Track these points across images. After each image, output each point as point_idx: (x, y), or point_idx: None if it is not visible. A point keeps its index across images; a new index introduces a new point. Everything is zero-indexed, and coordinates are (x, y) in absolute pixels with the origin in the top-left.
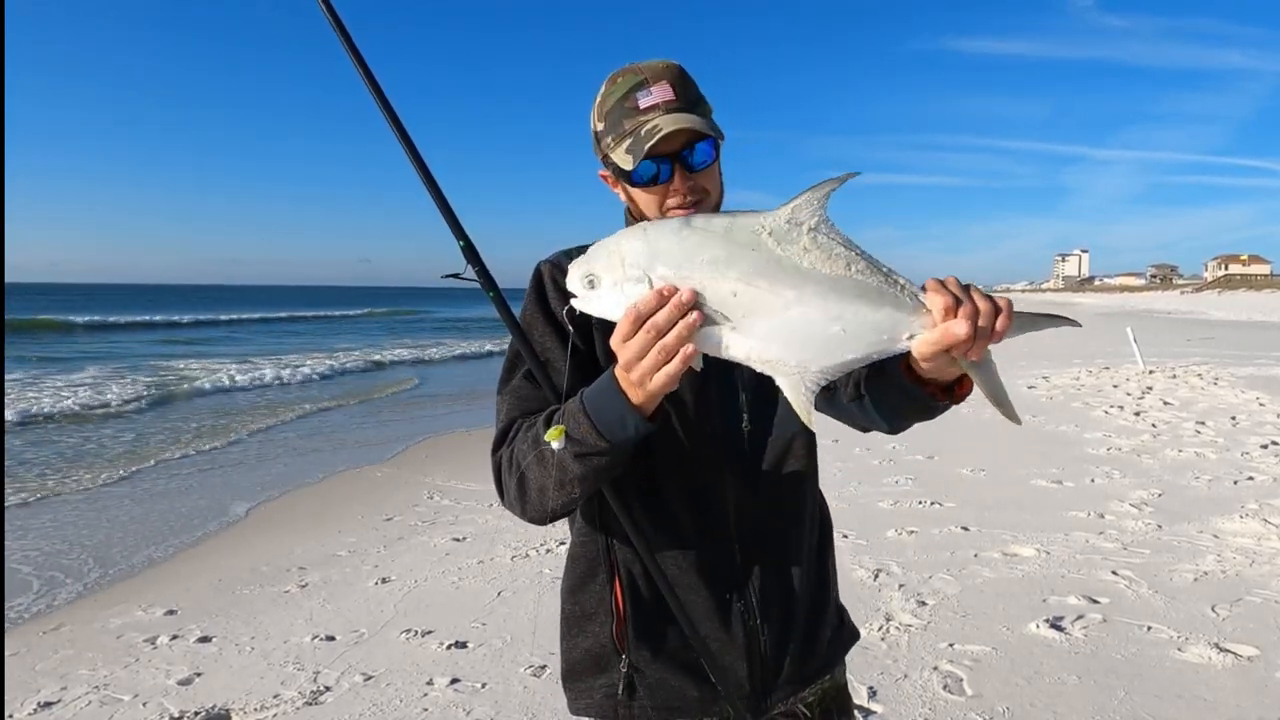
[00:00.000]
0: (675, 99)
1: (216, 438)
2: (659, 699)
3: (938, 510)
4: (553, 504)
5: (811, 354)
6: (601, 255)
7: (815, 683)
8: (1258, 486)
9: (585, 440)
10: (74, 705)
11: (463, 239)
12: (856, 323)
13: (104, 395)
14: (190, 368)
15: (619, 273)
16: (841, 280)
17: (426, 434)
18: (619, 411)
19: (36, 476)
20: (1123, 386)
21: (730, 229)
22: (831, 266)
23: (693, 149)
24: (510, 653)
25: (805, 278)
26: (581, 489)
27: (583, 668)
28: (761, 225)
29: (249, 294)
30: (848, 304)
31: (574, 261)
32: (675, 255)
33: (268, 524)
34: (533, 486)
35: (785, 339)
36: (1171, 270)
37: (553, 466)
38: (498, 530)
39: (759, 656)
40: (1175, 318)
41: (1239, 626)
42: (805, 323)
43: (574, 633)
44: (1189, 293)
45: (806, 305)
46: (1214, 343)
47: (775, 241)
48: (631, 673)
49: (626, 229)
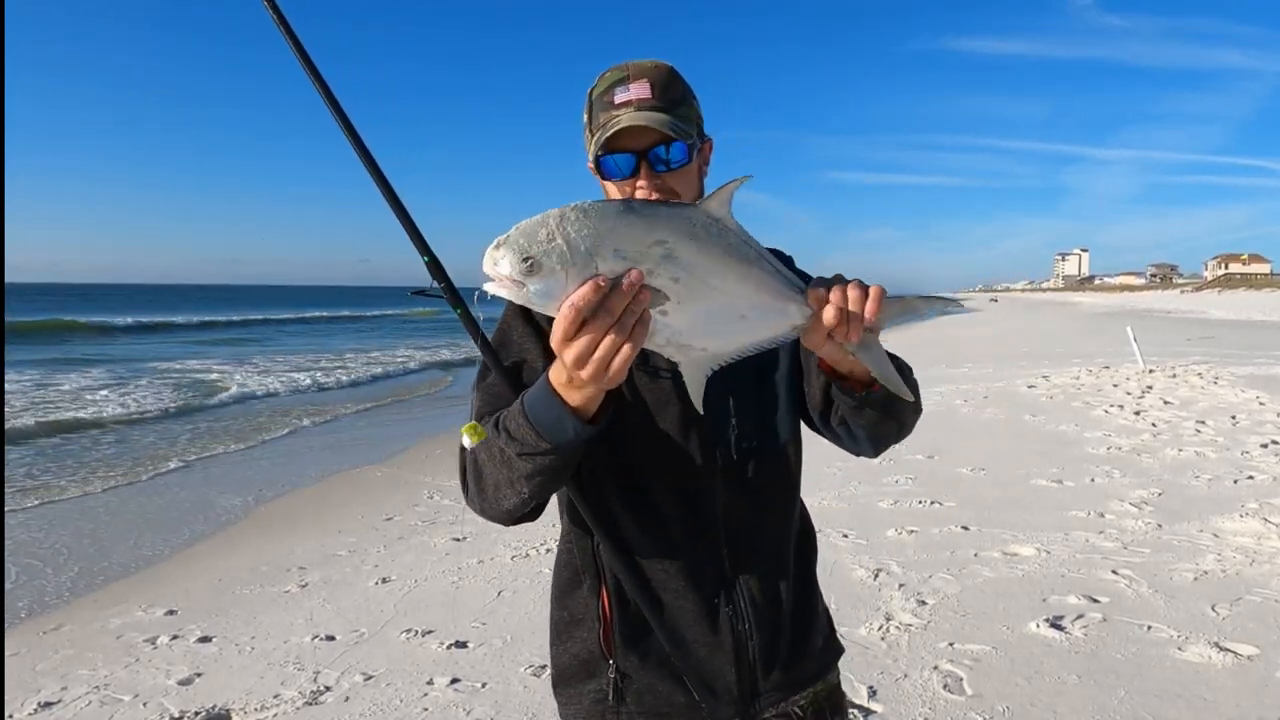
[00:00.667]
0: (650, 98)
1: (244, 439)
2: (647, 704)
3: (938, 510)
4: (506, 503)
5: (719, 340)
6: (541, 234)
7: (806, 688)
8: (1258, 486)
9: (526, 441)
10: (74, 705)
11: (427, 254)
12: (760, 312)
13: (139, 400)
14: (223, 368)
15: (563, 256)
16: (752, 273)
17: (427, 434)
18: (555, 414)
19: (38, 476)
20: (1123, 386)
21: (671, 217)
22: (743, 260)
23: (665, 148)
24: (510, 653)
25: (728, 269)
26: (531, 488)
27: (571, 673)
28: (692, 217)
29: (251, 294)
30: (756, 295)
31: (501, 240)
32: (626, 237)
33: (268, 524)
34: (489, 484)
35: (704, 326)
36: (1171, 269)
37: (502, 464)
38: (498, 530)
39: (747, 661)
40: (1175, 317)
41: (1239, 626)
42: (723, 311)
43: (563, 638)
44: (1189, 292)
45: (729, 295)
46: (1214, 342)
47: (705, 233)
48: (619, 678)
49: (561, 208)
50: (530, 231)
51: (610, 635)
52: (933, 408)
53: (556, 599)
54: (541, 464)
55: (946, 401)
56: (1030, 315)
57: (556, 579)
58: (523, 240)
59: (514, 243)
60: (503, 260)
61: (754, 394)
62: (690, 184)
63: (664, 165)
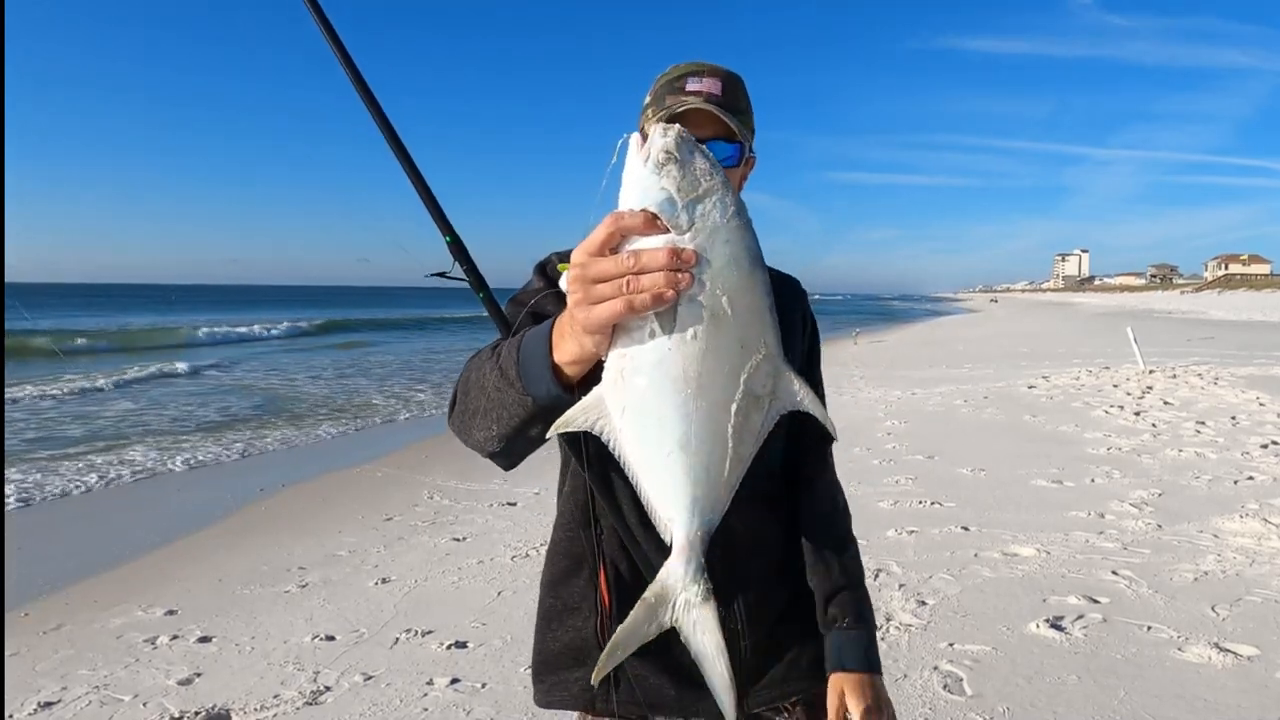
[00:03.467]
0: (720, 95)
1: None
2: (637, 695)
3: (938, 510)
4: (477, 433)
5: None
6: (705, 165)
7: (795, 691)
8: (1258, 486)
9: (509, 376)
10: (74, 705)
11: (449, 234)
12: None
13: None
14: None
15: (690, 188)
16: (720, 424)
17: (426, 434)
18: (541, 365)
19: (37, 477)
20: (1123, 386)
21: (765, 310)
22: (724, 406)
23: (717, 146)
24: (510, 653)
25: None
26: (501, 428)
27: (559, 661)
28: (765, 344)
29: (254, 294)
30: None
31: (684, 131)
32: (728, 240)
33: (268, 524)
34: (471, 406)
35: (684, 367)
36: (1171, 270)
37: (481, 392)
38: (498, 530)
39: (738, 661)
40: (1175, 317)
41: (1239, 626)
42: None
43: (553, 626)
44: (1189, 292)
45: (705, 382)
46: (1214, 342)
47: (758, 355)
48: (615, 668)
49: (736, 193)
50: (707, 157)
51: (608, 625)
52: (933, 408)
53: (549, 585)
54: (513, 403)
55: (946, 402)
56: (1030, 316)
57: (551, 566)
58: (696, 151)
59: (688, 142)
60: (670, 136)
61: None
62: None
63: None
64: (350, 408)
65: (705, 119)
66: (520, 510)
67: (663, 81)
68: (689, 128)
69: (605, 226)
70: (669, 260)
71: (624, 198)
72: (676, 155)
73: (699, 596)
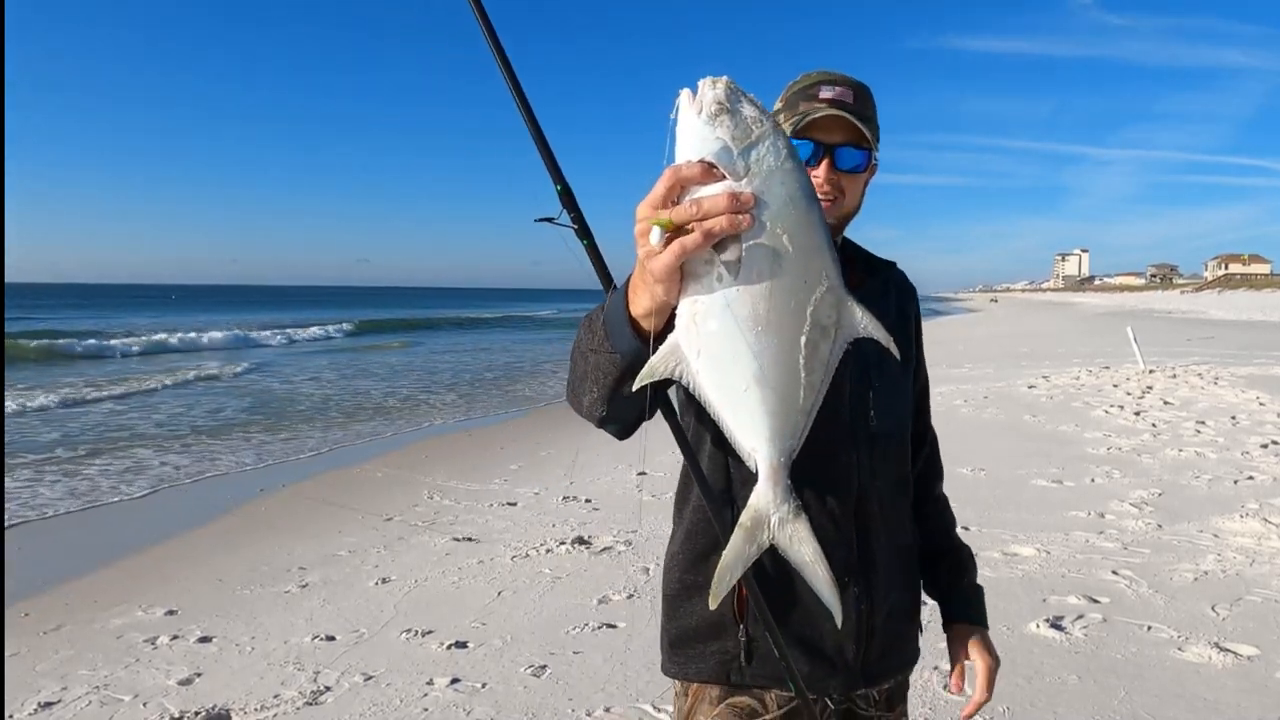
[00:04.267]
0: (852, 102)
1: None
2: (770, 669)
3: None
4: (585, 398)
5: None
6: (754, 113)
7: (896, 675)
8: (1258, 486)
9: (597, 334)
10: (74, 705)
11: (560, 183)
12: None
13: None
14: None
15: (743, 136)
16: (791, 357)
17: (426, 434)
18: (620, 316)
19: (40, 474)
20: (1123, 386)
21: (824, 245)
22: (793, 341)
23: (848, 151)
24: (510, 653)
25: (793, 313)
26: (599, 389)
27: (696, 634)
28: (826, 277)
29: (254, 294)
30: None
31: (735, 86)
32: (787, 187)
33: (268, 524)
34: (576, 374)
35: (752, 301)
36: (1171, 270)
37: (579, 356)
38: (498, 530)
39: (865, 641)
40: (1175, 317)
41: (1239, 626)
42: (783, 295)
43: (693, 600)
44: (1189, 292)
45: (770, 323)
46: (1214, 342)
47: (821, 288)
48: (749, 642)
49: (786, 136)
50: (755, 104)
51: (745, 603)
52: (933, 408)
53: (688, 565)
54: (605, 363)
55: (947, 402)
56: (1030, 315)
57: (689, 546)
58: (744, 99)
59: (736, 91)
60: (719, 87)
61: (886, 378)
62: (856, 193)
63: (845, 165)
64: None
65: (837, 125)
66: (520, 510)
67: (795, 88)
68: (821, 134)
69: (666, 179)
70: (730, 204)
71: (681, 151)
72: (728, 105)
73: (791, 513)
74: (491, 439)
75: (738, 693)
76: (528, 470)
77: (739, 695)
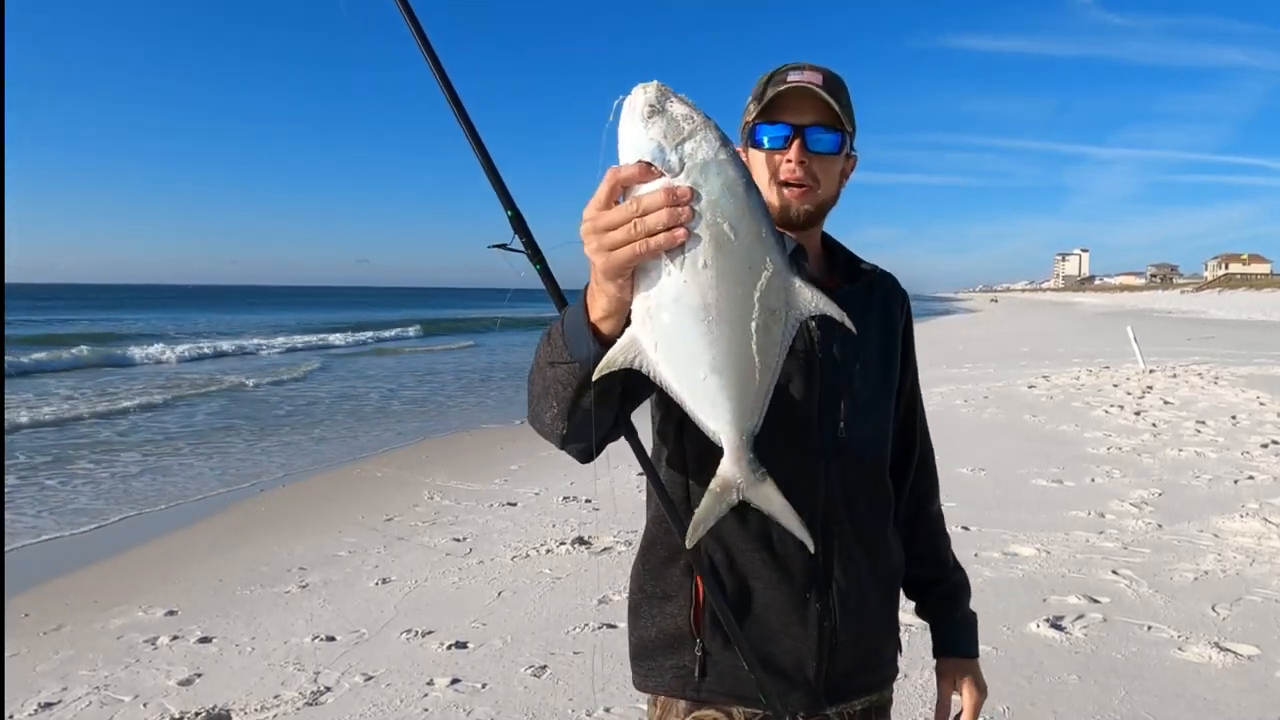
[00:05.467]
0: (820, 85)
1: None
2: (727, 685)
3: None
4: (545, 415)
5: (672, 352)
6: (685, 111)
7: (872, 694)
8: (1258, 486)
9: (556, 346)
10: (74, 706)
11: (510, 209)
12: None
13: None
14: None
15: (674, 136)
16: (743, 343)
17: (426, 434)
18: (579, 323)
19: (38, 477)
20: (1123, 386)
21: (765, 230)
22: (744, 327)
23: (819, 132)
24: (510, 653)
25: (743, 314)
26: (560, 403)
27: (655, 647)
28: (770, 261)
29: (254, 295)
30: (723, 353)
31: (663, 86)
32: (724, 182)
33: (268, 524)
34: (535, 391)
35: (678, 324)
36: (1171, 269)
37: (538, 371)
38: (498, 530)
39: (828, 658)
40: (1175, 317)
41: (1239, 626)
42: (699, 333)
43: (652, 611)
44: (1189, 292)
45: (718, 324)
46: (1214, 342)
47: (766, 273)
48: (704, 657)
49: (718, 129)
50: (686, 103)
51: (701, 615)
52: (933, 408)
53: (649, 574)
54: (564, 374)
55: (947, 402)
56: (1030, 315)
57: (649, 556)
58: (674, 99)
59: (666, 92)
60: (650, 91)
61: (860, 386)
62: (832, 179)
63: (815, 146)
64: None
65: (807, 105)
66: (520, 510)
67: (764, 77)
68: (790, 115)
69: (606, 182)
70: (667, 198)
71: (621, 154)
72: (658, 106)
73: (758, 478)
74: (492, 439)
75: (704, 706)
76: (528, 470)
77: (705, 710)
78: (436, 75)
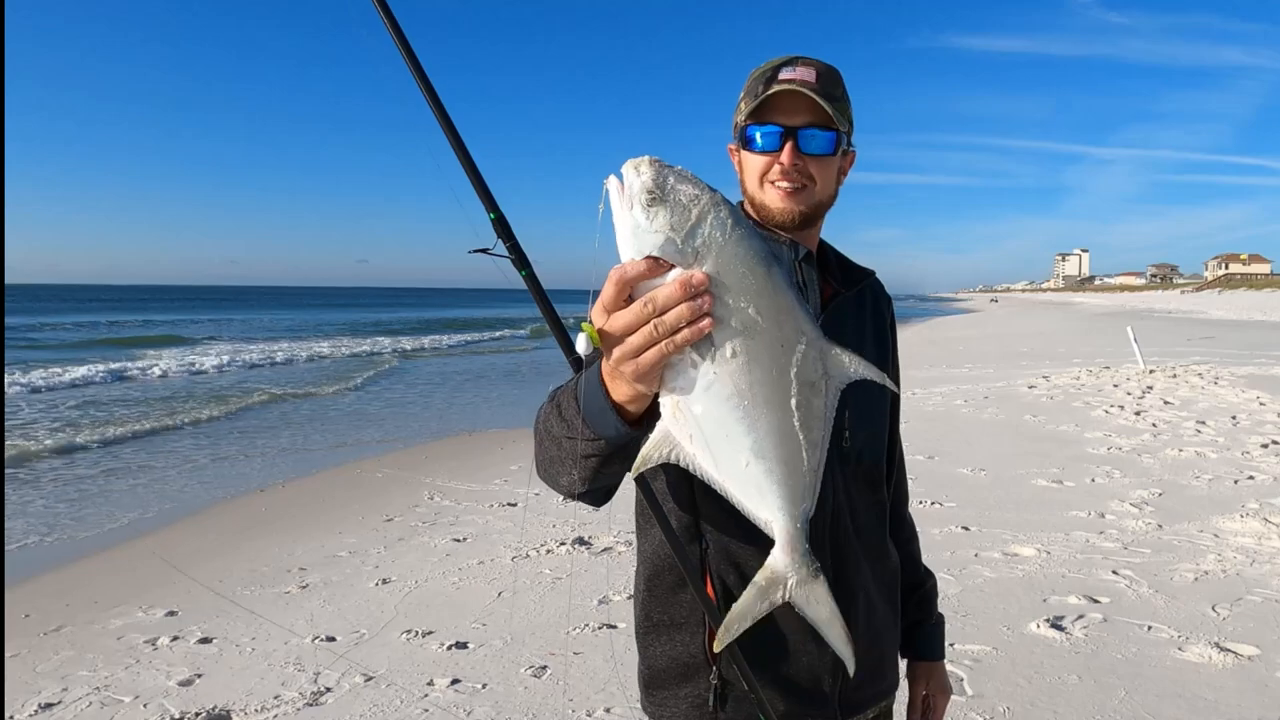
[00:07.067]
0: (814, 82)
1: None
2: (745, 711)
3: (938, 510)
4: (562, 479)
5: (711, 447)
6: (691, 191)
7: (880, 703)
8: (1258, 486)
9: (574, 425)
10: (75, 706)
11: (493, 211)
12: (754, 462)
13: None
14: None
15: (682, 222)
16: (785, 422)
17: (426, 435)
18: (600, 404)
19: (38, 477)
20: (1123, 386)
21: (791, 301)
22: (783, 406)
23: (813, 132)
24: (511, 653)
25: (781, 392)
26: (582, 472)
27: (667, 676)
28: (802, 332)
29: (255, 295)
30: (769, 447)
31: (657, 161)
32: (740, 265)
33: (268, 524)
34: (546, 456)
35: (718, 417)
36: (1172, 270)
37: (552, 443)
38: (498, 531)
39: (843, 673)
40: (1175, 317)
41: (1239, 626)
42: (738, 419)
43: (661, 639)
44: (1189, 292)
45: (755, 410)
46: (1214, 342)
47: (800, 347)
48: (721, 685)
49: (724, 198)
50: (687, 179)
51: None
52: (933, 408)
53: (657, 600)
54: (589, 449)
55: (947, 402)
56: (1030, 316)
57: (655, 582)
58: (674, 179)
59: (664, 172)
60: (645, 174)
61: (861, 395)
62: (828, 180)
63: (808, 148)
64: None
65: (800, 106)
66: (521, 511)
67: (756, 74)
68: (783, 116)
69: (611, 284)
70: (684, 292)
71: (622, 248)
72: (659, 193)
73: (809, 575)
74: (492, 440)
75: None
76: (528, 470)
77: None
78: (417, 79)
